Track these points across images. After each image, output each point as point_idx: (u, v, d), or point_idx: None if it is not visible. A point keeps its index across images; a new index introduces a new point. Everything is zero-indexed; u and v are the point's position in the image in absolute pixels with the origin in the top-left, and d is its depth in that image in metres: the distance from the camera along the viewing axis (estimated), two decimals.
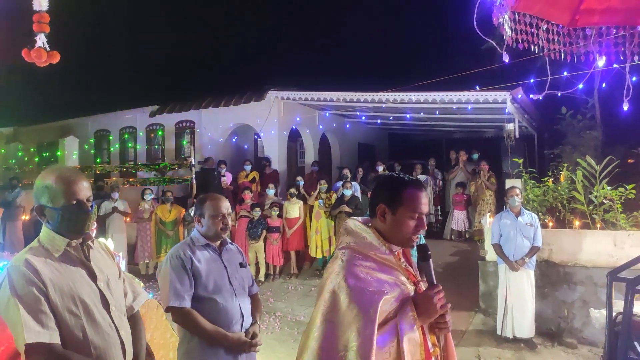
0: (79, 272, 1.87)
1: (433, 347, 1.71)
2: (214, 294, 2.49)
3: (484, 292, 6.40)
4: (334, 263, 1.73)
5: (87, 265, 1.91)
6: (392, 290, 1.65)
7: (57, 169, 1.94)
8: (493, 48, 10.61)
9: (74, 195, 1.84)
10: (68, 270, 1.84)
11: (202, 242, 2.63)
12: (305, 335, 1.67)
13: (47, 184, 1.84)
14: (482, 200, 9.04)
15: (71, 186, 1.84)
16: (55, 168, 1.96)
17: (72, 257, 1.88)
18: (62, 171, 1.92)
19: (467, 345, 5.53)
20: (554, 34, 2.36)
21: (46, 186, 1.84)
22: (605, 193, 6.06)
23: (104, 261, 2.01)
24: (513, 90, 7.83)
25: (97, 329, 1.82)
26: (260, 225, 8.28)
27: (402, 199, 1.72)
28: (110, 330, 1.87)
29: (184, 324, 2.47)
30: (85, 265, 1.90)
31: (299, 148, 13.58)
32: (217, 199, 2.69)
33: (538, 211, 6.53)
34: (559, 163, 7.88)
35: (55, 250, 1.84)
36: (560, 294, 5.96)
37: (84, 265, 1.90)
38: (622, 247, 5.68)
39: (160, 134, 13.11)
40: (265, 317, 6.42)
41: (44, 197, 1.84)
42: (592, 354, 5.31)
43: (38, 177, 1.89)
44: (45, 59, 3.48)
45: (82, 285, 1.84)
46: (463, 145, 10.91)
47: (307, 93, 10.17)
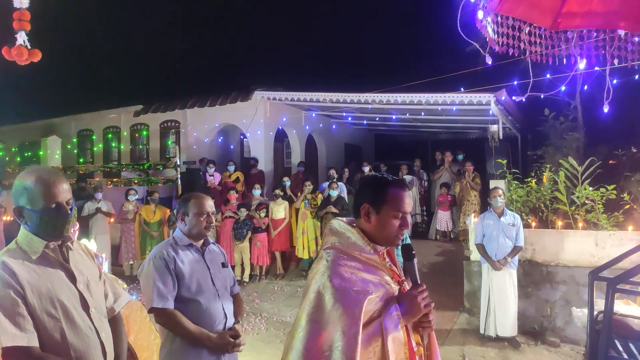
0: (58, 274, 1.84)
1: (417, 346, 1.72)
2: (197, 294, 2.48)
3: (469, 292, 6.46)
4: (319, 263, 1.74)
5: (66, 267, 1.88)
6: (376, 290, 1.66)
7: (37, 170, 1.89)
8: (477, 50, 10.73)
9: (53, 198, 1.81)
10: (46, 272, 1.81)
11: (185, 242, 2.61)
12: (291, 335, 1.67)
13: (26, 185, 1.81)
14: (467, 200, 9.13)
15: (51, 188, 1.81)
16: (35, 169, 1.90)
17: (50, 259, 1.85)
18: (42, 172, 1.87)
19: (452, 344, 5.57)
20: (537, 37, 2.40)
21: (25, 187, 1.81)
22: (587, 194, 6.16)
23: (84, 263, 1.99)
24: (497, 92, 7.92)
25: (77, 331, 1.80)
26: (245, 225, 8.25)
27: (385, 198, 1.73)
28: (90, 333, 1.85)
29: (167, 325, 2.45)
30: (64, 267, 1.87)
31: (286, 148, 13.56)
32: (201, 197, 2.68)
33: (521, 211, 6.62)
34: (541, 164, 7.99)
35: (33, 252, 1.81)
36: (543, 293, 6.05)
37: (62, 267, 1.87)
38: (604, 247, 5.77)
39: (145, 133, 12.98)
40: (251, 318, 6.39)
41: (23, 198, 1.81)
42: (574, 352, 5.39)
43: (17, 177, 1.85)
44: (26, 57, 3.42)
45: (61, 287, 1.82)
46: (448, 146, 11.01)
47: (293, 93, 10.16)
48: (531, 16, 2.24)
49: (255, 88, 10.82)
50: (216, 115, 11.48)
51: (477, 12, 2.25)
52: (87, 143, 14.44)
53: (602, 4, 2.12)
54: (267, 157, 11.14)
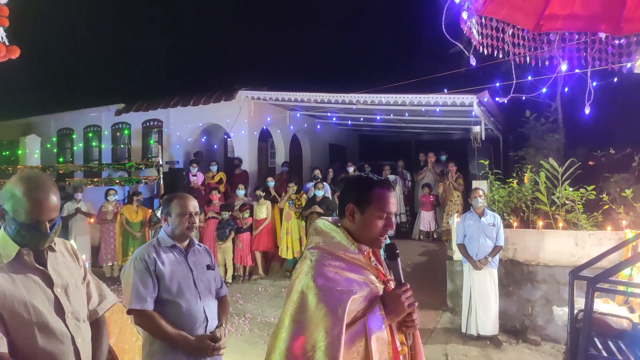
0: (32, 277, 1.79)
1: (401, 346, 1.72)
2: (177, 296, 2.45)
3: (452, 291, 6.52)
4: (303, 263, 1.73)
5: (41, 271, 1.82)
6: (361, 289, 1.65)
7: (30, 181, 1.80)
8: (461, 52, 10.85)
9: (37, 215, 1.76)
10: (20, 276, 1.76)
11: (169, 243, 2.58)
12: (274, 336, 1.66)
13: (14, 193, 1.76)
14: (450, 200, 9.21)
15: (37, 206, 1.76)
16: (29, 178, 1.82)
17: (25, 263, 1.79)
18: (34, 185, 1.79)
19: (435, 343, 5.62)
20: (519, 39, 2.43)
21: (13, 195, 1.76)
22: (567, 194, 6.26)
23: (66, 265, 1.93)
24: (479, 93, 8.00)
25: (50, 337, 1.75)
26: (228, 226, 8.20)
27: (370, 198, 1.73)
28: (64, 339, 1.80)
29: (146, 327, 2.44)
30: (39, 271, 1.82)
31: (270, 148, 13.51)
32: (184, 197, 2.65)
33: (503, 211, 6.70)
34: (523, 165, 8.10)
35: (6, 256, 1.76)
36: (524, 292, 6.13)
37: (38, 271, 1.82)
38: (583, 247, 5.88)
39: (127, 133, 12.80)
40: (234, 319, 6.35)
41: (8, 203, 1.77)
42: (555, 351, 5.48)
43: (10, 179, 1.81)
44: (4, 54, 3.34)
45: (35, 292, 1.77)
46: (432, 147, 11.10)
47: (277, 93, 10.12)
48: (514, 18, 2.27)
49: (239, 87, 10.75)
50: (199, 114, 11.38)
51: (461, 13, 2.27)
52: (67, 142, 14.18)
53: (583, 7, 2.16)
54: (251, 157, 11.08)
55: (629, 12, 2.16)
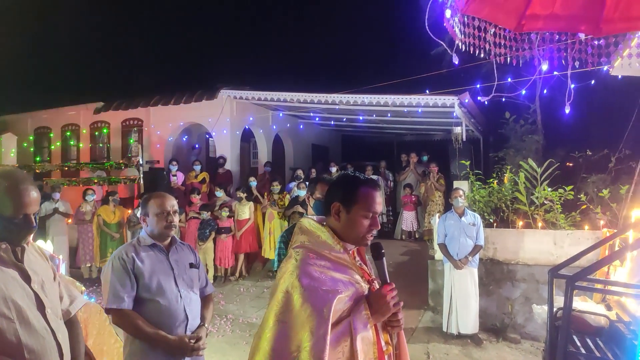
0: (11, 273, 1.77)
1: (386, 346, 1.71)
2: (156, 295, 2.43)
3: (433, 290, 6.56)
4: (288, 262, 1.71)
5: (19, 267, 1.81)
6: (346, 289, 1.64)
7: (13, 176, 1.83)
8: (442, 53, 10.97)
9: (22, 209, 1.78)
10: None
11: (149, 242, 2.55)
12: (257, 336, 1.64)
13: None
14: (431, 201, 9.29)
15: (22, 199, 1.78)
16: (11, 173, 1.86)
17: (2, 259, 1.78)
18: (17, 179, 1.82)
19: (417, 342, 5.65)
20: (501, 38, 2.45)
21: None
22: (545, 194, 6.36)
23: (38, 263, 1.92)
24: (461, 94, 8.10)
25: (32, 333, 1.73)
26: (208, 226, 8.12)
27: (356, 197, 1.72)
28: (46, 334, 1.79)
29: (123, 326, 2.41)
30: (17, 266, 1.81)
31: (252, 148, 13.44)
32: (161, 196, 2.62)
33: (483, 211, 6.77)
34: (503, 165, 8.22)
35: None
36: (504, 291, 6.20)
37: (16, 267, 1.80)
38: (562, 246, 5.98)
39: (106, 132, 12.58)
40: (216, 320, 6.28)
41: None
42: (534, 348, 5.56)
43: None
44: None
45: (14, 287, 1.75)
46: (414, 148, 11.18)
47: (260, 93, 10.07)
48: (496, 17, 2.29)
49: (221, 87, 10.66)
50: (181, 113, 11.25)
51: (444, 11, 2.28)
52: (44, 141, 13.87)
53: (564, 7, 2.19)
54: (233, 157, 11.00)
55: (609, 13, 2.20)
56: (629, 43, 2.89)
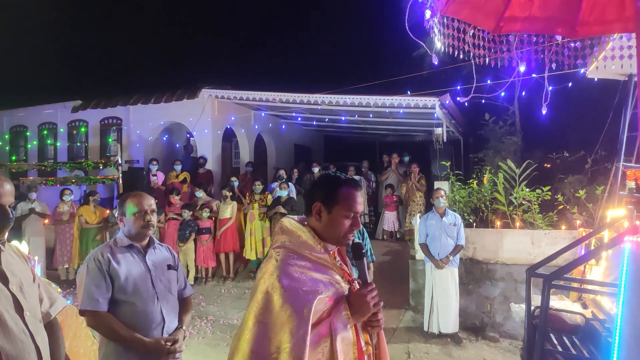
0: None
1: (366, 346, 1.71)
2: (132, 297, 2.39)
3: (414, 290, 6.61)
4: (268, 263, 1.69)
5: None
6: (326, 289, 1.63)
7: None
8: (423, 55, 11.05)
9: None
10: None
11: (125, 243, 2.51)
12: (237, 337, 1.62)
13: None
14: (412, 201, 9.35)
15: None
16: None
17: None
18: None
19: (398, 342, 5.68)
20: (480, 40, 2.48)
21: None
22: (524, 194, 6.47)
23: (16, 265, 1.87)
24: (441, 95, 8.17)
25: (9, 336, 1.69)
26: (189, 227, 8.03)
27: (337, 197, 1.72)
28: (24, 337, 1.74)
29: (98, 328, 2.37)
30: None
31: (234, 148, 13.35)
32: (138, 195, 2.58)
33: (463, 211, 6.85)
34: (482, 166, 8.33)
35: None
36: (483, 290, 6.28)
37: None
38: (539, 246, 6.08)
39: (84, 130, 12.36)
40: (196, 322, 6.22)
41: None
42: (513, 347, 5.64)
43: None
44: None
45: None
46: (395, 149, 11.25)
47: (242, 92, 10.01)
48: (475, 19, 2.32)
49: (202, 86, 10.57)
50: (161, 112, 11.11)
51: (424, 11, 2.30)
52: (21, 140, 13.58)
53: (541, 10, 2.23)
54: (215, 157, 10.91)
55: (584, 16, 2.25)
56: (604, 46, 2.96)
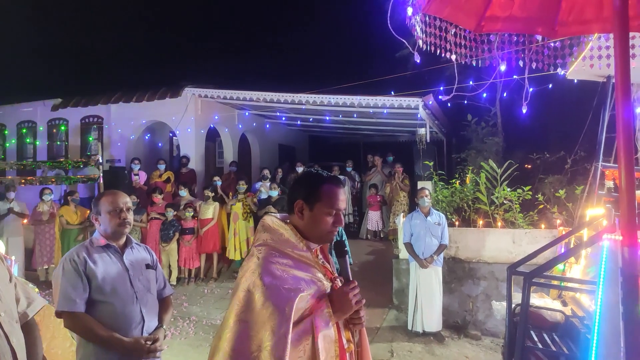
0: None
1: (348, 343, 1.71)
2: (110, 297, 2.35)
3: (397, 289, 6.64)
4: (250, 261, 1.68)
5: None
6: (308, 287, 1.63)
7: None
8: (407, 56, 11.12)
9: None
10: None
11: (102, 243, 2.47)
12: (218, 336, 1.60)
13: None
14: (396, 201, 9.40)
15: None
16: None
17: None
18: None
19: (381, 341, 5.70)
20: (462, 39, 2.51)
21: None
22: (505, 194, 6.55)
23: None
24: (425, 96, 8.24)
25: None
26: (172, 227, 7.94)
27: (319, 194, 1.71)
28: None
29: (76, 330, 2.33)
30: None
31: (218, 148, 13.26)
32: (113, 194, 2.54)
33: (446, 211, 6.91)
34: (465, 166, 8.42)
35: None
36: (465, 289, 6.34)
37: None
38: (520, 244, 6.16)
39: (64, 129, 12.14)
40: (178, 322, 6.16)
41: None
42: (494, 344, 5.70)
43: None
44: None
45: None
46: (379, 149, 11.31)
47: (225, 91, 9.94)
48: (457, 18, 2.34)
49: (185, 85, 10.46)
50: (143, 111, 10.97)
51: (406, 9, 2.31)
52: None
53: (521, 9, 2.26)
54: (198, 156, 10.82)
55: (563, 16, 2.29)
56: (583, 47, 3.02)
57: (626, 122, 1.62)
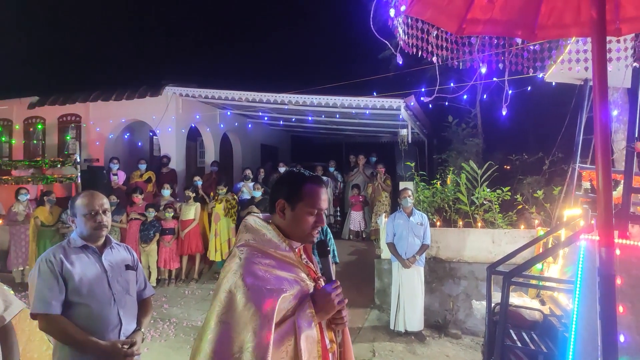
0: None
1: (330, 344, 1.71)
2: (87, 299, 2.31)
3: (379, 289, 6.67)
4: (232, 261, 1.66)
5: None
6: (291, 287, 1.62)
7: None
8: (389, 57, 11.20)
9: None
10: None
11: (79, 244, 2.42)
12: (199, 338, 1.58)
13: None
14: (378, 201, 9.45)
15: None
16: None
17: None
18: None
19: (363, 341, 5.71)
20: (443, 41, 2.53)
21: None
22: (485, 195, 6.64)
23: None
24: (407, 97, 8.30)
25: None
26: (152, 227, 7.83)
27: (301, 194, 1.71)
28: None
29: (51, 332, 2.28)
30: None
31: (199, 147, 13.13)
32: (88, 195, 2.48)
33: (427, 211, 6.98)
34: (446, 167, 8.52)
35: None
36: (446, 288, 6.41)
37: None
38: (500, 244, 6.25)
39: (41, 128, 11.87)
40: (159, 324, 6.07)
41: None
42: (474, 343, 5.77)
43: None
44: None
45: None
46: (362, 149, 11.35)
47: (207, 91, 9.85)
48: (439, 20, 2.36)
49: (166, 83, 10.33)
50: (122, 110, 10.80)
51: (389, 10, 2.32)
52: None
53: (502, 13, 2.30)
54: (179, 156, 10.69)
55: (542, 20, 2.33)
56: (562, 50, 3.08)
57: (603, 124, 1.65)
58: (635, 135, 3.39)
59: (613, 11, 2.22)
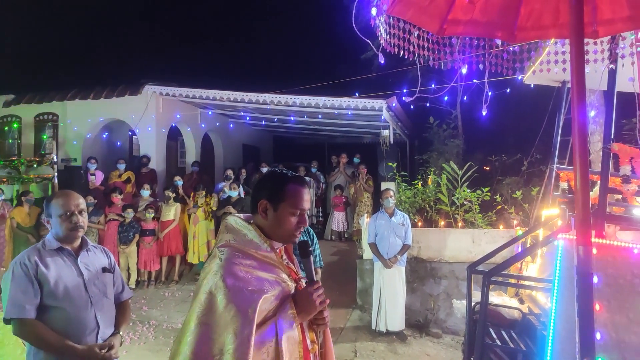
0: None
1: (312, 344, 1.70)
2: (63, 302, 2.25)
3: (361, 289, 6.69)
4: (212, 262, 1.64)
5: None
6: (272, 288, 1.61)
7: None
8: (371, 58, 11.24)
9: None
10: None
11: (54, 246, 2.35)
12: (178, 340, 1.55)
13: None
14: (360, 201, 9.48)
15: None
16: None
17: None
18: None
19: (345, 341, 5.71)
20: (424, 41, 2.55)
21: None
22: (465, 195, 6.71)
23: None
24: (388, 98, 8.34)
25: None
26: (132, 228, 7.71)
27: (283, 194, 1.69)
28: None
29: (26, 337, 2.22)
30: None
31: (180, 147, 12.98)
32: (64, 195, 2.41)
33: (409, 211, 7.02)
34: (427, 168, 8.59)
35: None
36: (427, 288, 6.45)
37: None
38: (479, 244, 6.32)
39: (16, 126, 11.59)
40: (138, 327, 5.98)
41: None
42: (455, 342, 5.82)
43: None
44: None
45: None
46: (344, 150, 11.36)
47: (188, 90, 9.74)
48: (420, 20, 2.38)
49: (146, 82, 10.18)
50: (101, 109, 10.60)
51: (371, 9, 2.33)
52: None
53: (482, 14, 2.32)
54: (159, 156, 10.54)
55: (522, 22, 2.37)
56: (540, 52, 3.13)
57: (581, 126, 1.68)
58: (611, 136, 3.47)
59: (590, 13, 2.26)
